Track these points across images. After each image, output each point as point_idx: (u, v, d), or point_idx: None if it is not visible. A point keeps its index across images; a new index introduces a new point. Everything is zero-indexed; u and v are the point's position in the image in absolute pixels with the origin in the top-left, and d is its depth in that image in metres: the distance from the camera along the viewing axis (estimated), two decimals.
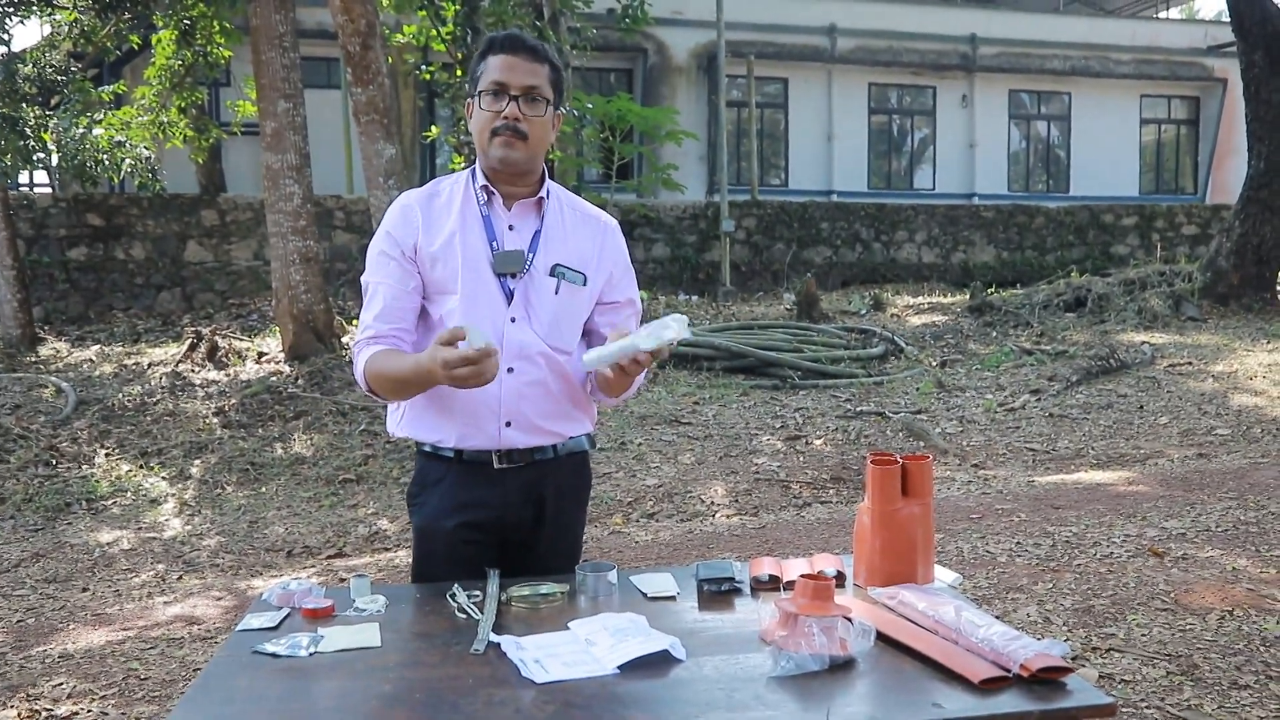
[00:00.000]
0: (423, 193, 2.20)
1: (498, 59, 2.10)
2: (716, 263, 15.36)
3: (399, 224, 2.15)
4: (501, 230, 2.14)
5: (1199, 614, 3.53)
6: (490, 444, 2.13)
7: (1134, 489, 5.52)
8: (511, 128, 2.08)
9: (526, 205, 2.17)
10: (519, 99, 2.09)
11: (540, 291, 2.13)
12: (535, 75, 2.10)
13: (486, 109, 2.10)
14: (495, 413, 2.11)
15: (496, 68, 2.10)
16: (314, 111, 11.16)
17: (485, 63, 2.12)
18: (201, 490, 7.12)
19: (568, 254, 2.17)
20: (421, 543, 2.24)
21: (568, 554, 2.27)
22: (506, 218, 2.15)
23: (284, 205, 9.83)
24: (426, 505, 2.20)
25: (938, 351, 10.41)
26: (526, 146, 2.10)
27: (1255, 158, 11.89)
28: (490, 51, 2.13)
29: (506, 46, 2.11)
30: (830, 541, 4.86)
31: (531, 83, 2.10)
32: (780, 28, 18.68)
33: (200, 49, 12.14)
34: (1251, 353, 9.39)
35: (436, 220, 2.15)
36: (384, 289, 2.13)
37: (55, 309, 12.79)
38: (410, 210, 2.16)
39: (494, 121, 2.09)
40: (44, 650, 4.22)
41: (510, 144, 2.09)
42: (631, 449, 7.30)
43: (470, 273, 2.10)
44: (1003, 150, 20.59)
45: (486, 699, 1.53)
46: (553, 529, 2.23)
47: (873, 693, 1.55)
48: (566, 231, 2.19)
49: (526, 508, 2.18)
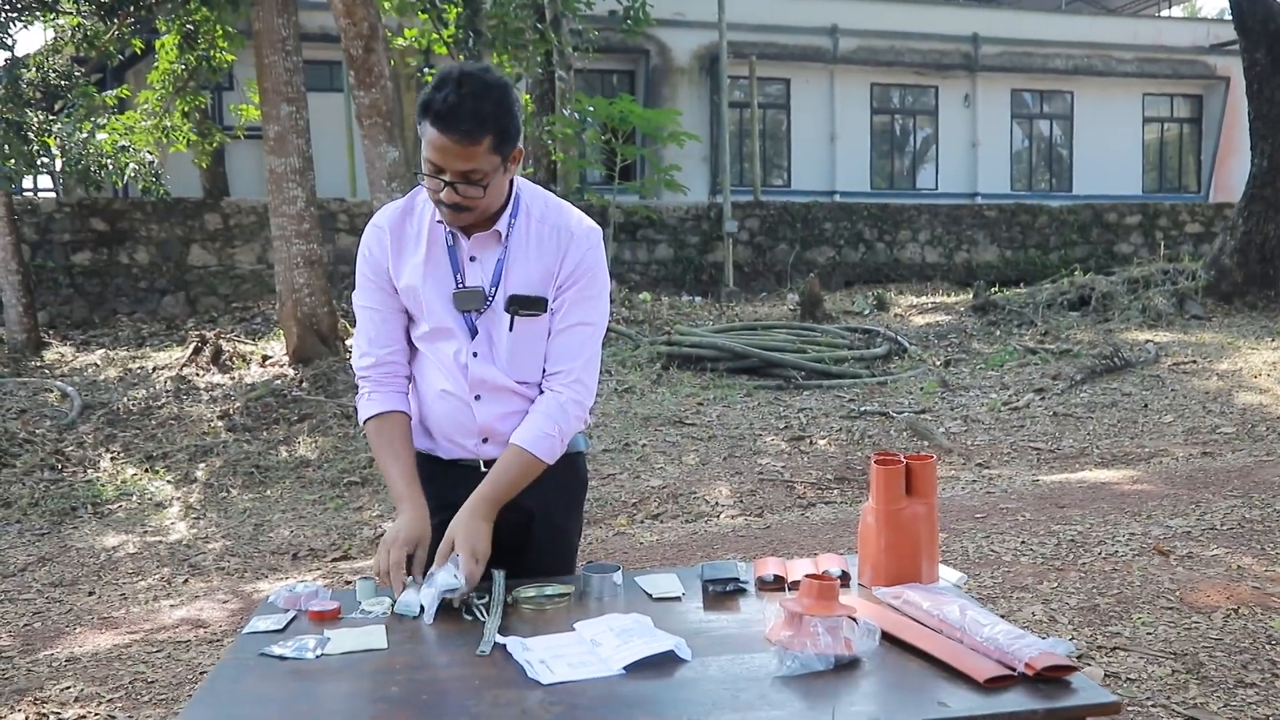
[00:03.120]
0: (397, 211, 2.17)
1: (432, 133, 1.94)
2: (720, 264, 15.36)
3: (373, 246, 2.17)
4: (463, 262, 2.12)
5: (1204, 612, 3.53)
6: (471, 456, 2.20)
7: (1139, 487, 5.52)
8: (454, 204, 2.02)
9: (486, 235, 2.12)
10: (454, 184, 1.99)
11: (500, 326, 2.13)
12: (470, 159, 1.95)
13: (427, 184, 2.03)
14: (471, 431, 2.17)
15: (430, 145, 1.96)
16: (317, 115, 11.19)
17: (424, 126, 1.96)
18: (206, 493, 7.14)
19: (529, 279, 2.12)
20: None
21: (559, 556, 2.26)
22: (469, 247, 2.12)
23: (287, 209, 9.84)
24: None
25: (941, 351, 10.41)
26: (473, 214, 2.06)
27: (1258, 155, 11.88)
28: (426, 118, 1.95)
29: (439, 122, 1.93)
30: (835, 541, 4.86)
31: (466, 168, 1.96)
32: (782, 28, 18.68)
33: (203, 53, 12.16)
34: (1256, 350, 9.37)
35: (405, 249, 2.15)
36: (371, 314, 2.19)
37: (60, 313, 12.82)
38: (381, 235, 2.16)
39: (437, 192, 2.01)
40: (51, 654, 4.23)
41: (456, 217, 2.05)
42: (636, 450, 7.30)
43: (435, 307, 2.13)
44: (1005, 149, 20.58)
45: (493, 700, 1.53)
46: (542, 531, 2.22)
47: (878, 692, 1.55)
48: (529, 254, 2.12)
49: (512, 510, 2.15)
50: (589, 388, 2.17)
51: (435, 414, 2.19)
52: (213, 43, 12.13)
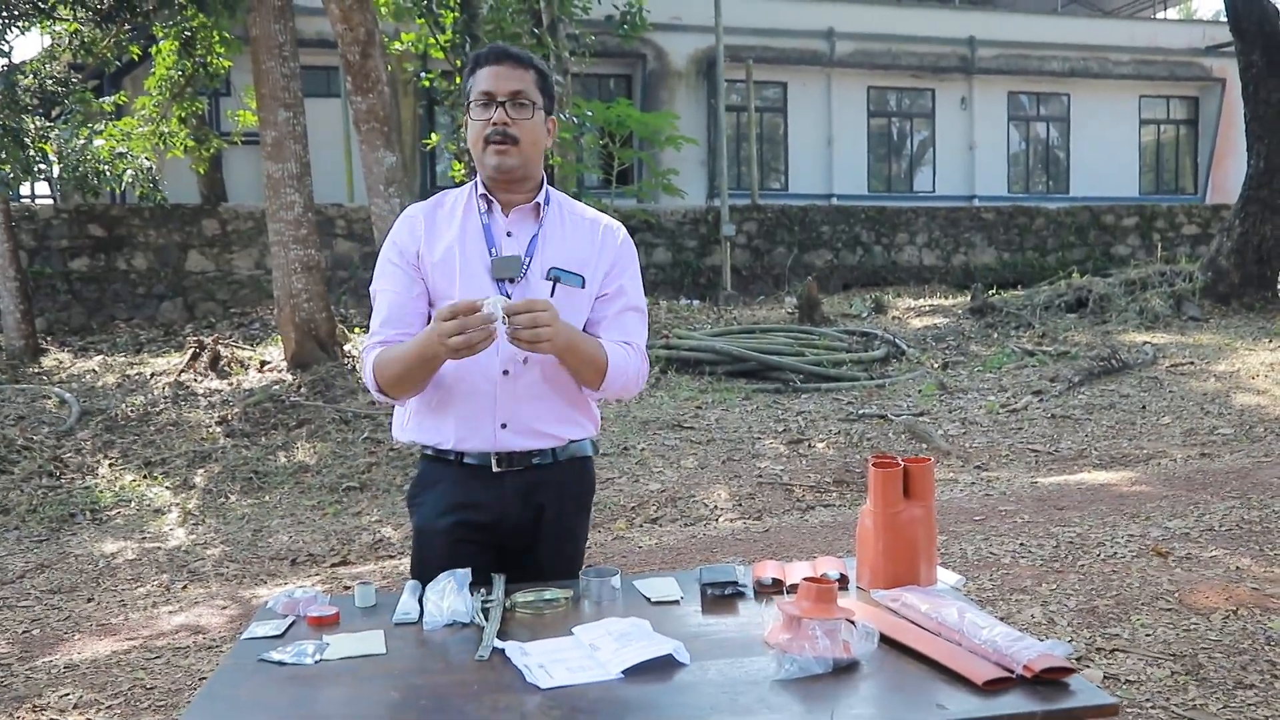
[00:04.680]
0: (429, 203, 2.27)
1: (484, 70, 2.16)
2: (718, 267, 15.37)
3: (403, 233, 2.22)
4: (500, 236, 2.18)
5: (1203, 614, 3.53)
6: (487, 446, 2.15)
7: (1137, 489, 5.52)
8: (502, 133, 2.13)
9: (524, 211, 2.20)
10: (506, 104, 2.13)
11: (537, 295, 2.13)
12: (520, 80, 2.15)
13: (477, 119, 2.16)
14: (491, 414, 2.14)
15: (484, 79, 2.16)
16: (314, 120, 11.19)
17: (474, 77, 2.18)
18: (205, 499, 7.13)
19: (565, 256, 2.19)
20: (419, 543, 2.26)
21: (569, 559, 2.27)
22: (505, 224, 2.20)
23: (285, 214, 9.85)
24: (424, 505, 2.23)
25: (939, 353, 10.41)
26: (519, 150, 2.15)
27: (1254, 157, 11.90)
28: (477, 66, 2.19)
29: (490, 59, 2.17)
30: (833, 544, 4.86)
31: (517, 88, 2.14)
32: (779, 32, 18.70)
33: (200, 59, 12.17)
34: (1253, 352, 9.38)
35: (439, 229, 2.20)
36: (389, 296, 2.19)
37: (58, 320, 12.81)
38: (414, 220, 2.23)
39: (485, 130, 2.14)
40: (50, 661, 4.23)
41: (503, 150, 2.14)
42: (634, 454, 7.31)
43: (468, 278, 2.14)
44: (1002, 152, 20.60)
45: (491, 705, 1.53)
46: (552, 534, 2.23)
47: (876, 695, 1.55)
48: (565, 235, 2.22)
49: (525, 512, 2.19)
50: (648, 366, 2.29)
51: (454, 397, 2.15)
52: (210, 49, 12.14)
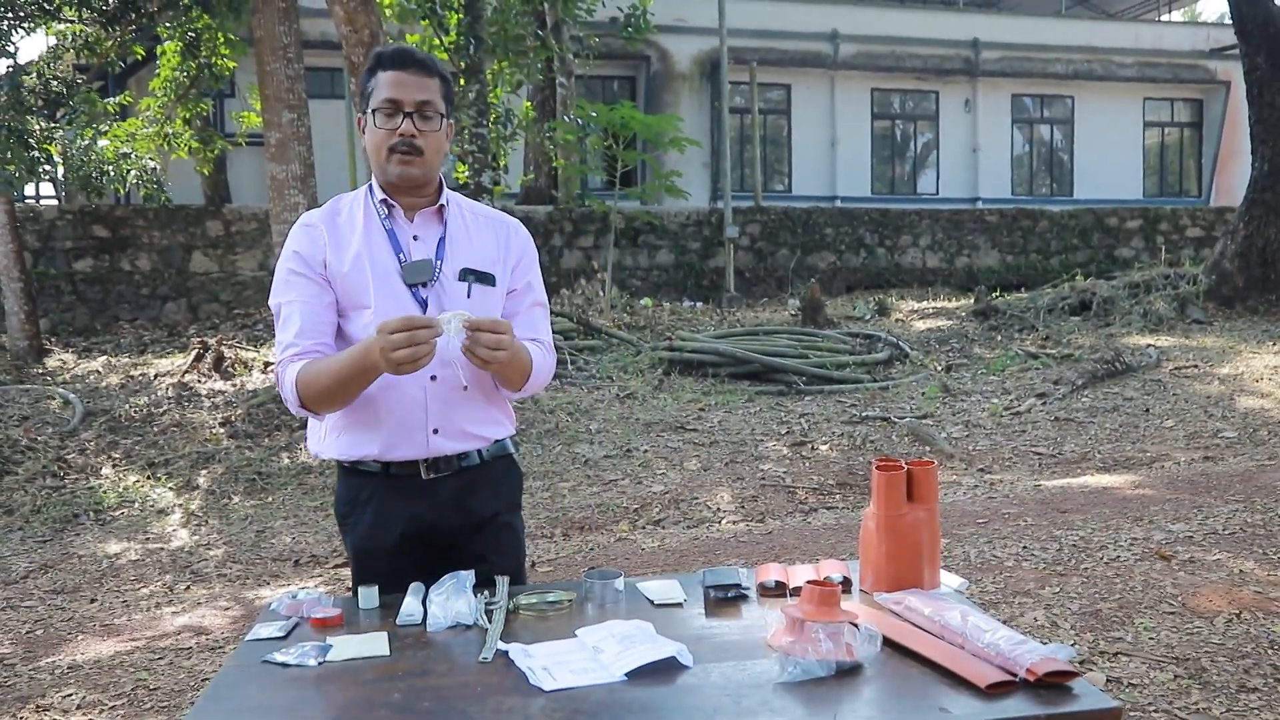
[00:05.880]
0: (324, 211, 2.21)
1: (388, 75, 2.09)
2: (721, 269, 15.37)
3: (305, 243, 2.15)
4: (406, 241, 2.16)
5: (1207, 617, 3.52)
6: (418, 453, 2.13)
7: (1140, 492, 5.51)
8: (408, 144, 2.09)
9: (428, 214, 2.19)
10: (413, 115, 2.09)
11: (452, 297, 2.13)
12: (427, 90, 2.10)
13: (381, 127, 2.10)
14: (423, 421, 2.12)
15: (388, 84, 2.09)
16: (318, 122, 11.20)
17: (375, 78, 2.11)
18: (208, 500, 7.14)
19: (474, 256, 2.18)
20: (361, 563, 2.21)
21: (512, 552, 2.29)
22: (410, 228, 2.17)
23: (289, 215, 9.84)
24: (360, 524, 2.20)
25: (943, 356, 10.41)
26: (424, 161, 2.13)
27: (1259, 160, 11.88)
28: (380, 67, 2.11)
29: (396, 62, 2.10)
30: (836, 547, 4.86)
31: (423, 98, 2.09)
32: (782, 34, 18.71)
33: (205, 60, 12.19)
34: (1257, 355, 9.37)
35: (342, 237, 2.15)
36: (299, 306, 2.12)
37: (62, 320, 12.83)
38: (314, 230, 2.16)
39: (390, 139, 2.09)
40: (53, 661, 4.24)
41: (408, 161, 2.11)
42: (637, 456, 7.31)
43: (381, 286, 2.11)
44: (1006, 154, 20.59)
45: (495, 707, 1.53)
46: (492, 531, 2.24)
47: (879, 698, 1.55)
48: (470, 235, 2.22)
49: (459, 515, 2.19)
50: (555, 359, 2.31)
51: (384, 406, 2.10)
52: (214, 50, 12.16)
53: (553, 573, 4.93)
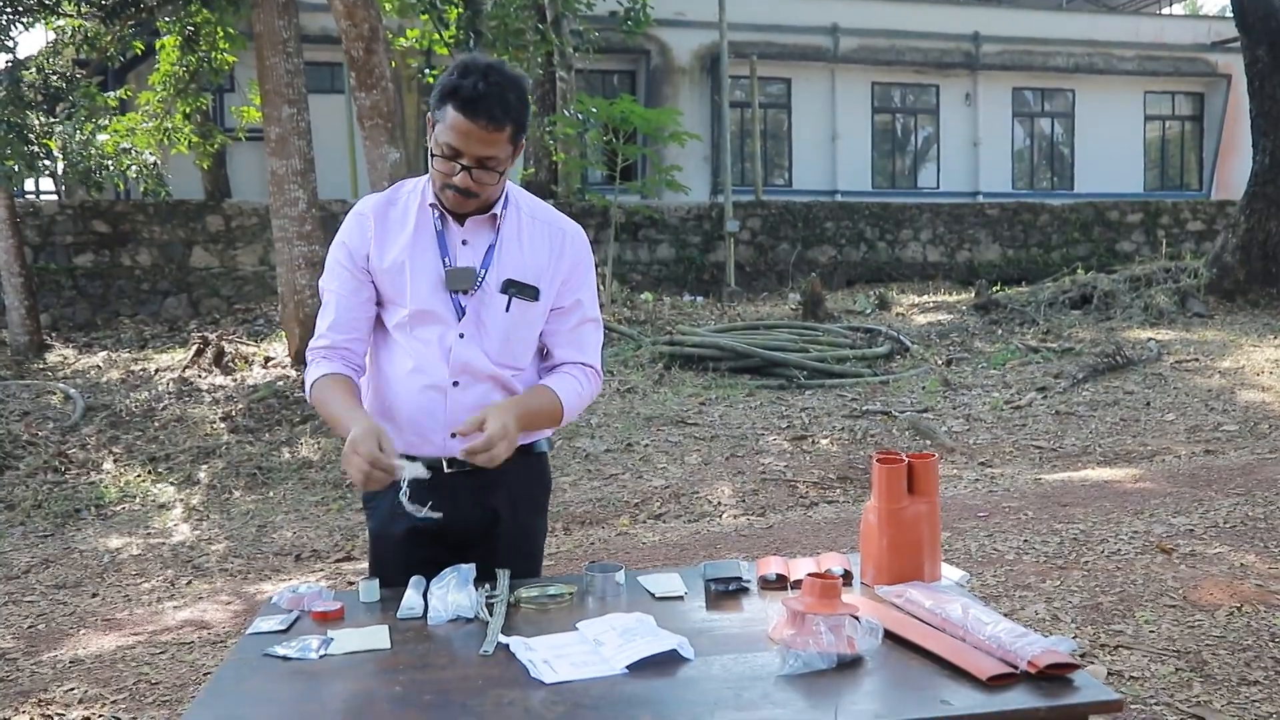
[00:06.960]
0: (381, 200, 2.18)
1: (456, 118, 1.96)
2: (721, 263, 15.36)
3: (354, 234, 2.15)
4: (454, 245, 2.12)
5: (1208, 610, 3.53)
6: (437, 453, 2.13)
7: (1141, 486, 5.52)
8: (462, 190, 2.04)
9: (480, 220, 2.13)
10: (471, 170, 2.00)
11: (491, 309, 2.11)
12: (492, 145, 1.99)
13: (438, 167, 2.03)
14: (442, 424, 2.12)
15: (453, 129, 1.97)
16: (318, 116, 11.19)
17: (445, 110, 1.98)
18: (209, 495, 7.14)
19: (522, 267, 2.13)
20: (375, 547, 2.25)
21: (528, 558, 2.25)
22: (460, 232, 2.12)
23: (289, 210, 9.85)
24: (379, 510, 2.21)
25: (943, 350, 10.40)
26: (479, 201, 2.08)
27: (1260, 153, 11.87)
28: (450, 102, 1.96)
29: (468, 108, 1.94)
30: (837, 540, 4.86)
31: (487, 154, 1.99)
32: (782, 28, 18.68)
33: (204, 55, 12.16)
34: (1258, 348, 9.36)
35: (390, 232, 2.13)
36: (336, 298, 2.15)
37: (62, 316, 12.83)
38: (364, 221, 2.15)
39: (446, 179, 2.03)
40: (55, 656, 4.24)
41: (460, 202, 2.07)
42: (638, 450, 7.31)
43: (420, 288, 2.09)
44: (1007, 148, 20.56)
45: (496, 700, 1.53)
46: (509, 533, 2.21)
47: (880, 690, 1.56)
48: (523, 243, 2.15)
49: (478, 512, 2.17)
50: (600, 380, 2.26)
51: (404, 405, 2.12)
52: (214, 44, 12.13)
53: (554, 566, 4.93)
